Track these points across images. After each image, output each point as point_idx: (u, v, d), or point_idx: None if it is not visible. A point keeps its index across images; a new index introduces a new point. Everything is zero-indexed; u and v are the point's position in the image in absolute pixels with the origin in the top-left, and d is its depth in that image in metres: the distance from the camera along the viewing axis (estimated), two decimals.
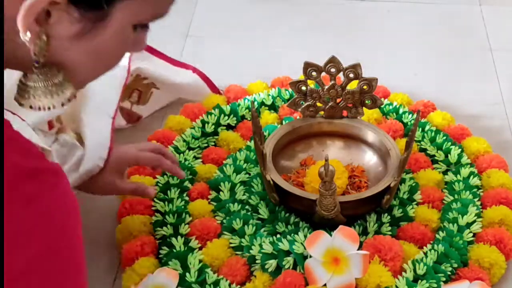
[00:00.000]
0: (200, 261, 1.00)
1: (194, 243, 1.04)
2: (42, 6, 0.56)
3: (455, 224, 1.06)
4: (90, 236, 0.80)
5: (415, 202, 1.11)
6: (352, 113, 1.15)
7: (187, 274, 0.98)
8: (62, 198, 0.58)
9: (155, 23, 0.66)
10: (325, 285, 0.96)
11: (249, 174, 1.16)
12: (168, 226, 1.06)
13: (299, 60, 1.11)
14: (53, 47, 0.60)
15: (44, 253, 0.56)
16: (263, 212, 1.08)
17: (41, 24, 0.57)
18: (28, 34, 0.57)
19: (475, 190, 1.13)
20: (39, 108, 0.62)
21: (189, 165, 1.17)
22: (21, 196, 0.54)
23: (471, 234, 1.05)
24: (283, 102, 1.31)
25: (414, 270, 0.98)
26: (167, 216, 1.08)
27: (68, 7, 0.57)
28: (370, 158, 1.16)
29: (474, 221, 1.07)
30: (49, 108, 0.62)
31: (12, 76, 0.64)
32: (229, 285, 0.98)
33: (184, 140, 1.23)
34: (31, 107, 0.62)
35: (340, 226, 0.98)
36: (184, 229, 1.06)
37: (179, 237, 1.04)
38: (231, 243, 1.04)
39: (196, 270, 0.99)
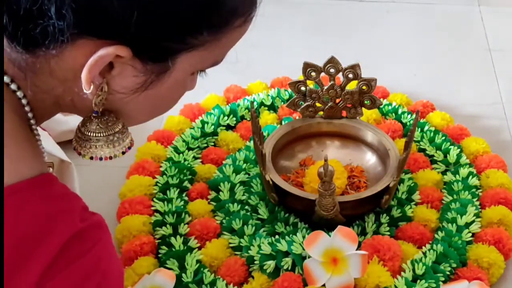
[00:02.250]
0: (197, 261, 1.01)
1: (193, 243, 1.04)
2: (108, 60, 0.55)
3: (454, 224, 1.06)
4: None
5: (413, 202, 1.11)
6: (351, 113, 1.16)
7: (183, 274, 0.98)
8: (104, 250, 0.57)
9: None
10: (324, 285, 0.96)
11: (249, 174, 1.16)
12: (168, 226, 1.06)
13: (299, 60, 1.11)
14: (113, 97, 0.59)
15: None
16: (263, 212, 1.09)
17: (103, 76, 0.57)
18: (92, 87, 0.57)
19: (474, 190, 1.13)
20: (100, 158, 0.62)
21: (189, 165, 1.18)
22: (68, 258, 0.54)
23: (470, 234, 1.05)
24: (282, 103, 1.32)
25: (413, 270, 0.98)
26: (166, 216, 1.08)
27: (132, 61, 0.56)
28: (369, 158, 1.16)
29: (473, 221, 1.07)
30: (110, 158, 0.62)
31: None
32: (226, 285, 0.98)
33: (184, 140, 1.23)
34: (91, 158, 0.62)
35: (339, 226, 0.98)
36: (183, 229, 1.06)
37: (178, 236, 1.04)
38: (230, 243, 1.04)
39: (193, 270, 0.99)
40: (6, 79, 0.57)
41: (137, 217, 1.07)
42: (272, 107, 1.32)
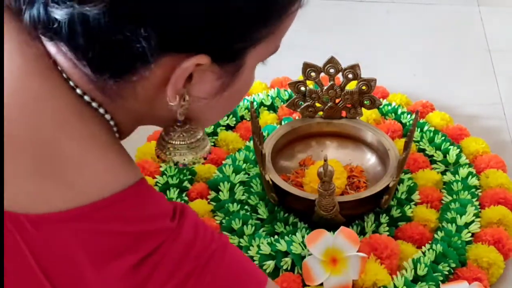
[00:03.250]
0: None
1: None
2: (190, 71, 0.57)
3: (454, 224, 1.06)
4: None
5: (413, 202, 1.11)
6: (351, 114, 1.16)
7: None
8: (194, 223, 0.63)
9: None
10: (321, 284, 0.96)
11: (248, 174, 1.16)
12: None
13: (298, 60, 1.11)
14: (195, 104, 0.62)
15: None
16: (262, 212, 1.09)
17: (184, 86, 0.59)
18: (176, 98, 0.59)
19: (473, 190, 1.13)
20: (184, 165, 0.65)
21: None
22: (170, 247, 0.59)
23: (469, 234, 1.05)
24: (282, 103, 1.32)
25: (415, 270, 0.98)
26: None
27: (211, 66, 0.58)
28: (369, 158, 1.17)
29: (473, 221, 1.07)
30: (193, 163, 0.65)
31: None
32: None
33: None
34: (176, 163, 0.65)
35: (342, 227, 0.98)
36: None
37: None
38: None
39: None
40: (94, 104, 0.60)
41: None
42: (272, 107, 1.32)
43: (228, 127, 1.28)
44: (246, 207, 1.10)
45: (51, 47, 0.58)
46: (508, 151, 1.26)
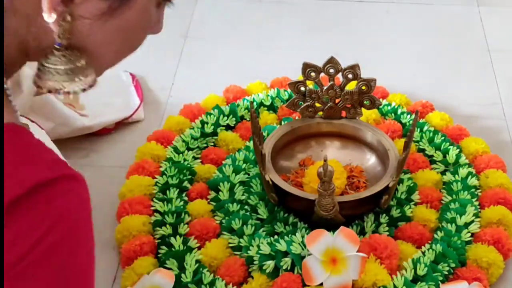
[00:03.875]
0: (197, 261, 1.01)
1: (193, 243, 1.04)
2: None
3: (453, 224, 1.06)
4: None
5: (413, 202, 1.11)
6: (351, 114, 1.16)
7: (183, 274, 0.98)
8: (74, 202, 0.54)
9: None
10: (321, 284, 0.96)
11: (248, 174, 1.16)
12: (167, 226, 1.06)
13: (298, 60, 1.11)
14: (77, 28, 0.58)
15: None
16: (262, 212, 1.09)
17: (66, 4, 0.56)
18: (53, 15, 0.55)
19: (473, 190, 1.13)
20: (58, 92, 0.59)
21: (188, 165, 1.18)
22: (29, 207, 0.51)
23: (469, 234, 1.05)
24: (282, 103, 1.32)
25: (415, 270, 0.98)
26: (166, 216, 1.08)
27: None
28: (368, 158, 1.17)
29: (472, 221, 1.07)
30: (68, 93, 0.59)
31: (30, 83, 0.62)
32: (225, 285, 0.98)
33: (183, 141, 1.23)
34: (50, 91, 0.60)
35: (342, 227, 0.98)
36: (183, 229, 1.06)
37: (178, 236, 1.04)
38: (229, 243, 1.04)
39: (192, 270, 0.99)
40: None
41: (137, 217, 1.07)
42: (272, 107, 1.32)
43: (228, 127, 1.28)
44: (246, 207, 1.10)
45: None
46: (508, 151, 1.26)
